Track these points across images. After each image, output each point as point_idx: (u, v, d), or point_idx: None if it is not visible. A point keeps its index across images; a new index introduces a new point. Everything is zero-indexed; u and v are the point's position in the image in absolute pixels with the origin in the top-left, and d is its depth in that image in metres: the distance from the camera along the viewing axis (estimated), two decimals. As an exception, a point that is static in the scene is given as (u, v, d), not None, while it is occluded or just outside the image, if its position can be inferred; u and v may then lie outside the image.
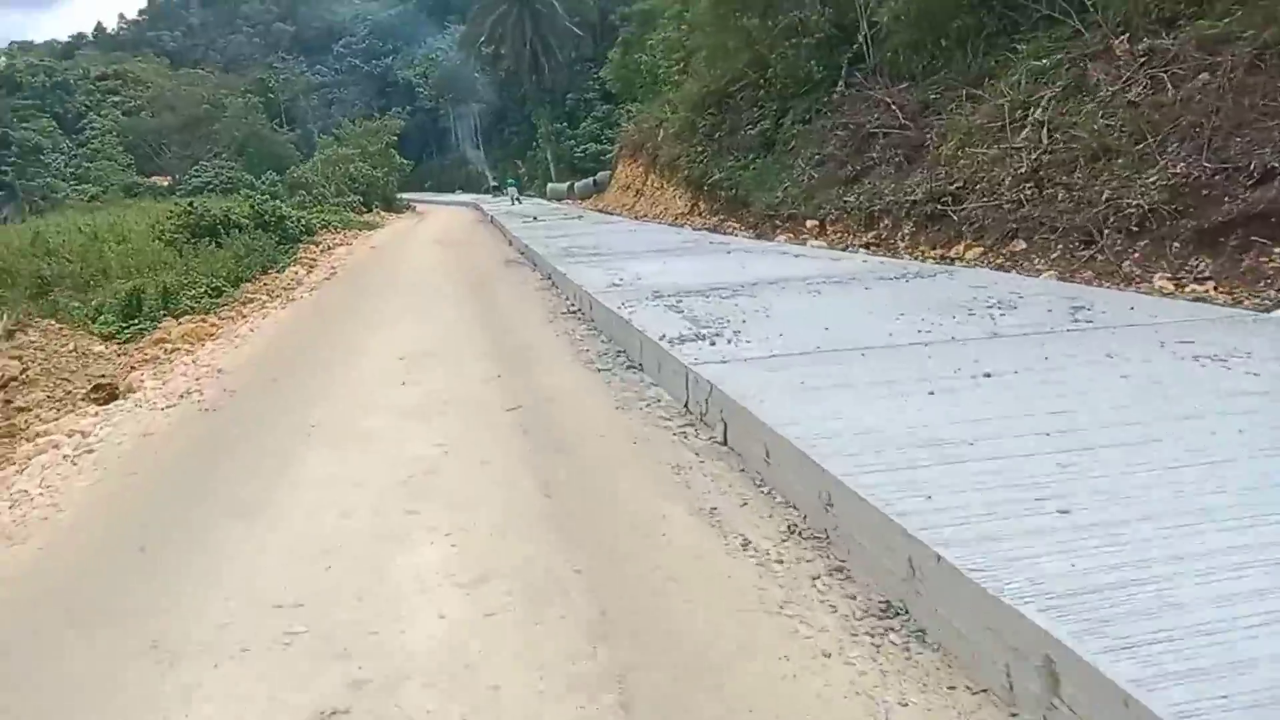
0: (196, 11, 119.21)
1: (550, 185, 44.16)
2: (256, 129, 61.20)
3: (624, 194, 30.57)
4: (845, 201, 15.85)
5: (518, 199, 38.76)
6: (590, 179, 40.25)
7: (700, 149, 23.24)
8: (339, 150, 42.44)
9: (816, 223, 16.37)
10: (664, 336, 6.21)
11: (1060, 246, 10.59)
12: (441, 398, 6.14)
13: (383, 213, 38.97)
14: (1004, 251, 11.25)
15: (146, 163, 76.00)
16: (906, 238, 13.44)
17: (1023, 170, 11.69)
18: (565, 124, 50.42)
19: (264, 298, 14.72)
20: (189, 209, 25.41)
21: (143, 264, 21.09)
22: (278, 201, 28.45)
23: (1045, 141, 11.91)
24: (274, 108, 75.66)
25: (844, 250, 13.77)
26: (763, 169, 19.72)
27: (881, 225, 14.31)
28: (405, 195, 49.37)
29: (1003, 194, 11.78)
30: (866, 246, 13.92)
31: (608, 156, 45.21)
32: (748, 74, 21.90)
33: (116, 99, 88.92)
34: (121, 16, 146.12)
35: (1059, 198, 11.05)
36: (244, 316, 12.99)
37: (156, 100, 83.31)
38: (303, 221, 26.81)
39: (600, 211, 29.39)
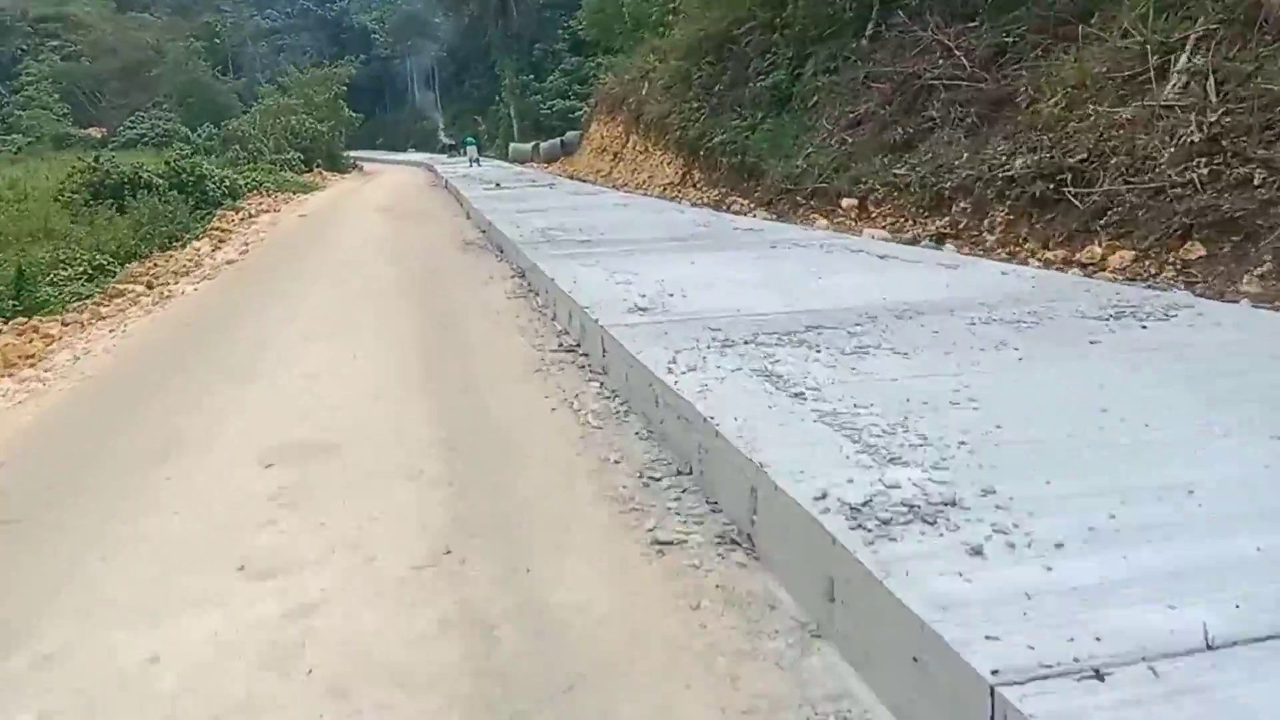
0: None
1: (513, 145, 39.89)
2: (198, 77, 55.96)
3: (599, 158, 26.74)
4: (895, 174, 12.33)
5: (477, 160, 34.66)
6: (557, 139, 36.22)
7: (696, 105, 19.50)
8: (280, 101, 37.85)
9: (855, 201, 12.84)
10: (822, 496, 2.69)
11: (1271, 256, 7.20)
12: (310, 650, 2.57)
13: (325, 172, 34.73)
14: (1170, 259, 7.83)
15: (83, 112, 70.16)
16: (999, 227, 9.96)
17: (1192, 139, 8.24)
18: (531, 76, 46.08)
19: (140, 289, 10.93)
20: (93, 165, 21.43)
21: (26, 232, 17.13)
22: (198, 158, 24.40)
23: (1214, 99, 8.50)
24: (220, 55, 70.09)
25: (914, 242, 10.29)
26: (777, 130, 16.10)
27: (955, 208, 10.81)
28: (353, 153, 45.06)
29: (1161, 172, 8.33)
30: (940, 239, 10.43)
31: (577, 114, 41.15)
32: (756, 13, 18.19)
33: (56, 43, 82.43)
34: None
35: (1255, 181, 7.66)
36: (101, 318, 9.26)
37: (97, 45, 77.17)
38: (226, 182, 22.85)
39: (572, 178, 25.53)
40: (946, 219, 10.80)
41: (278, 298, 8.72)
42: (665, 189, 19.11)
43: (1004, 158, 10.45)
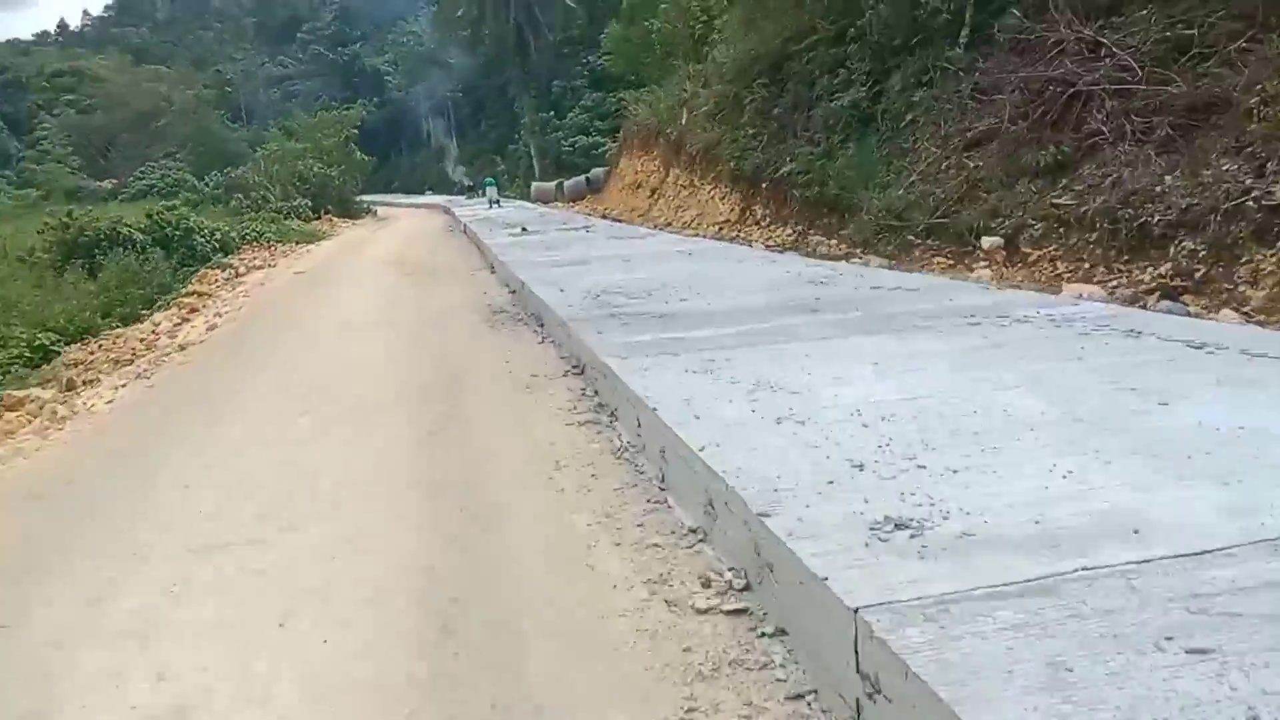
0: (164, 7, 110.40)
1: (535, 184, 36.84)
2: (206, 125, 53.73)
3: (632, 194, 23.68)
4: (1055, 204, 9.19)
5: (497, 201, 31.70)
6: (582, 177, 33.24)
7: (752, 132, 16.41)
8: (286, 145, 35.13)
9: (999, 241, 9.65)
10: None
11: None
12: None
13: (335, 219, 31.94)
14: None
15: (95, 165, 68.22)
16: (1268, 278, 6.72)
17: None
18: (552, 113, 43.23)
19: (49, 395, 7.82)
20: (65, 221, 18.60)
21: (-25, 302, 14.22)
22: (185, 209, 21.62)
23: None
24: (232, 103, 68.14)
25: (1134, 302, 7.07)
26: (864, 155, 12.96)
27: (1178, 250, 7.58)
28: (368, 197, 42.46)
29: None
30: (1169, 294, 7.20)
31: (600, 150, 38.34)
32: (818, 27, 15.19)
33: (71, 98, 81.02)
34: (85, 13, 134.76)
35: None
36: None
37: (111, 97, 75.65)
38: (217, 236, 19.96)
39: (605, 218, 22.42)
40: (1167, 265, 7.57)
41: (204, 429, 5.54)
42: (721, 228, 15.97)
43: (1246, 179, 7.26)
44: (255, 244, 22.08)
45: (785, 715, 2.15)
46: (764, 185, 15.26)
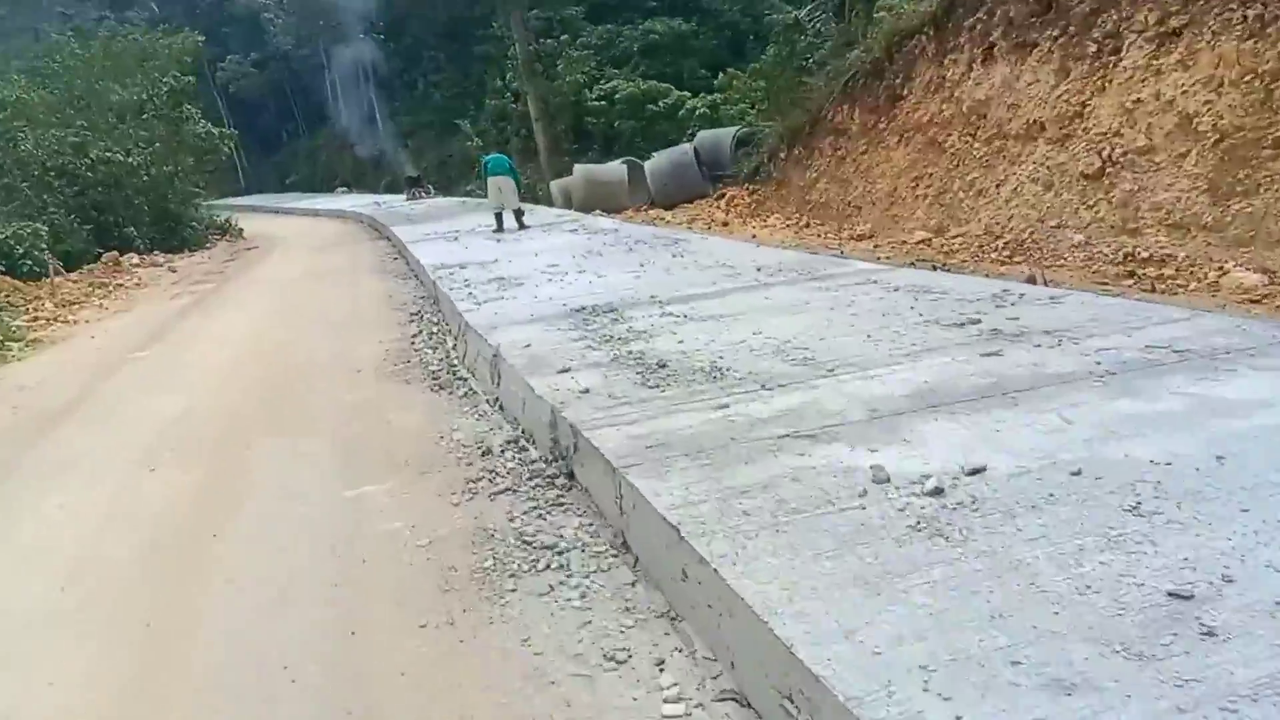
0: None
1: (581, 168, 17.31)
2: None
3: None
4: None
5: (520, 212, 13.16)
6: (688, 146, 15.03)
7: None
8: (23, 97, 15.93)
9: None
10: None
11: None
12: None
13: (128, 260, 13.11)
14: None
15: None
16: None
17: None
18: (562, 36, 24.37)
19: None
20: None
21: None
22: None
23: None
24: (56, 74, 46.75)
25: None
26: None
27: None
28: (237, 200, 23.60)
29: None
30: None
31: (669, 105, 20.19)
32: None
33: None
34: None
35: None
36: None
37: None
38: None
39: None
40: None
41: None
42: None
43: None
44: None
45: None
46: None
